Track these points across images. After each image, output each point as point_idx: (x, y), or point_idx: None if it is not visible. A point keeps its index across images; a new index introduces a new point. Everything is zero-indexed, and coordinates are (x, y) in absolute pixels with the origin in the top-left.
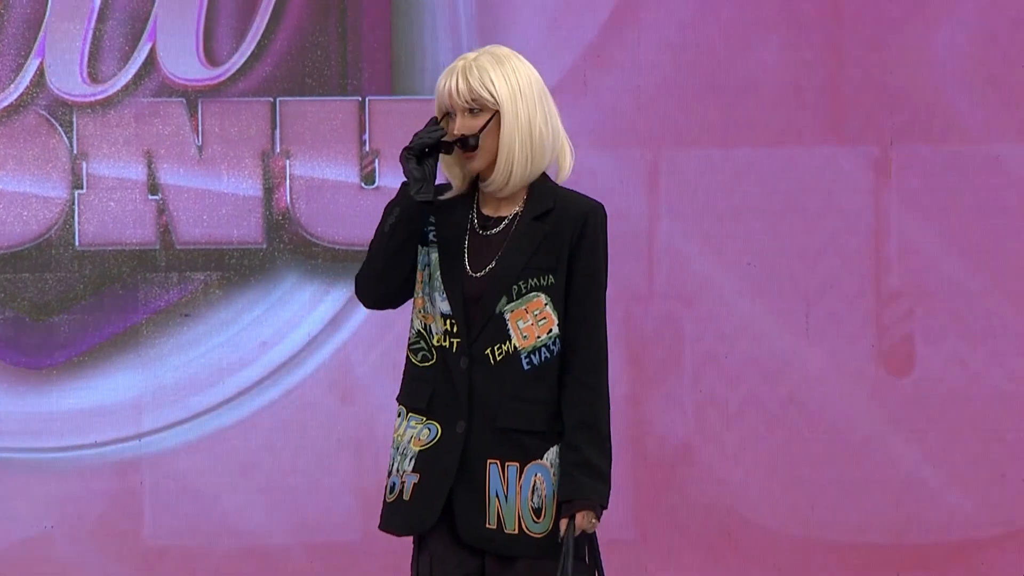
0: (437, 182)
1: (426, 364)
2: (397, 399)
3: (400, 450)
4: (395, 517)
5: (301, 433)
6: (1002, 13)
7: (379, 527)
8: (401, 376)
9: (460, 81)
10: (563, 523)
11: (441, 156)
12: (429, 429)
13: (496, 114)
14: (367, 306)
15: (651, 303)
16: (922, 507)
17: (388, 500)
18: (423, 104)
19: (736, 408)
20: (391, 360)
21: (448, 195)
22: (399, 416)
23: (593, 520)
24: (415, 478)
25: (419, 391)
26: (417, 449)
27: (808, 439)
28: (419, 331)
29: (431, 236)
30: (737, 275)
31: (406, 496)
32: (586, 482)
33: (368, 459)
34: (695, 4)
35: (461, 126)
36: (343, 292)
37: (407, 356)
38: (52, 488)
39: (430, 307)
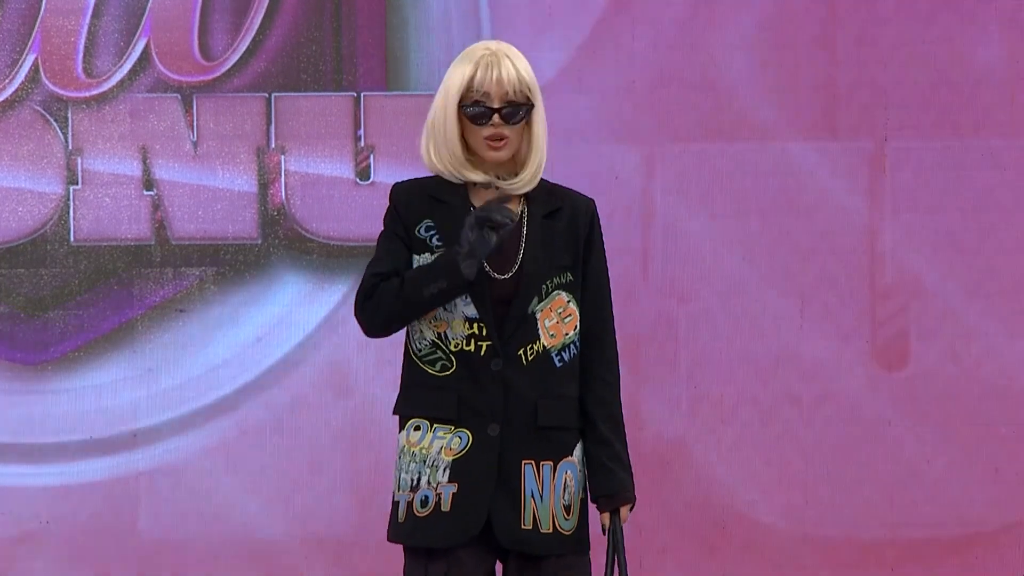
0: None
1: (446, 373)
2: (403, 412)
3: (429, 463)
4: (434, 530)
5: (296, 428)
6: (996, 8)
7: (407, 543)
8: (401, 378)
9: (510, 68)
10: (605, 517)
11: (449, 147)
12: (460, 437)
13: (532, 108)
14: (369, 336)
15: (646, 299)
16: (917, 502)
17: (420, 514)
18: (418, 100)
19: (731, 404)
20: (386, 356)
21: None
22: (417, 429)
23: (628, 512)
24: (453, 488)
25: (443, 401)
26: (450, 459)
27: (803, 435)
28: (433, 341)
29: (434, 241)
30: (732, 271)
31: (444, 507)
32: (624, 476)
33: (363, 454)
34: (689, 1)
35: (497, 125)
36: (338, 288)
37: (417, 368)
38: (48, 483)
39: (446, 313)
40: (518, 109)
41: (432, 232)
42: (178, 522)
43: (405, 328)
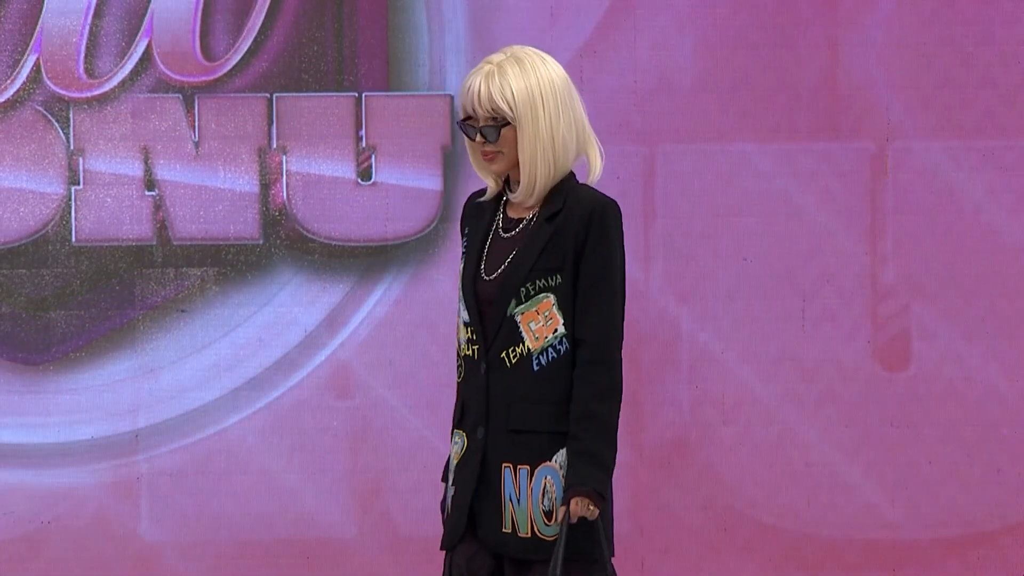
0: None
1: (460, 378)
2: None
3: (450, 468)
4: (445, 534)
5: (297, 429)
6: (996, 10)
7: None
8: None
9: (483, 86)
10: (561, 510)
11: (471, 159)
12: (460, 441)
13: (504, 126)
14: None
15: (648, 300)
16: (918, 503)
17: (444, 520)
18: (419, 100)
19: (732, 404)
20: (387, 357)
21: (485, 198)
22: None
23: (590, 507)
24: (453, 491)
25: (458, 407)
26: (456, 463)
27: (804, 435)
28: (456, 348)
29: (463, 250)
30: (733, 271)
31: (450, 510)
32: (583, 469)
33: (364, 456)
34: (690, 1)
35: (480, 142)
36: (339, 288)
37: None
38: (49, 483)
39: (458, 319)
40: (493, 129)
41: (465, 241)
42: (179, 523)
43: None
